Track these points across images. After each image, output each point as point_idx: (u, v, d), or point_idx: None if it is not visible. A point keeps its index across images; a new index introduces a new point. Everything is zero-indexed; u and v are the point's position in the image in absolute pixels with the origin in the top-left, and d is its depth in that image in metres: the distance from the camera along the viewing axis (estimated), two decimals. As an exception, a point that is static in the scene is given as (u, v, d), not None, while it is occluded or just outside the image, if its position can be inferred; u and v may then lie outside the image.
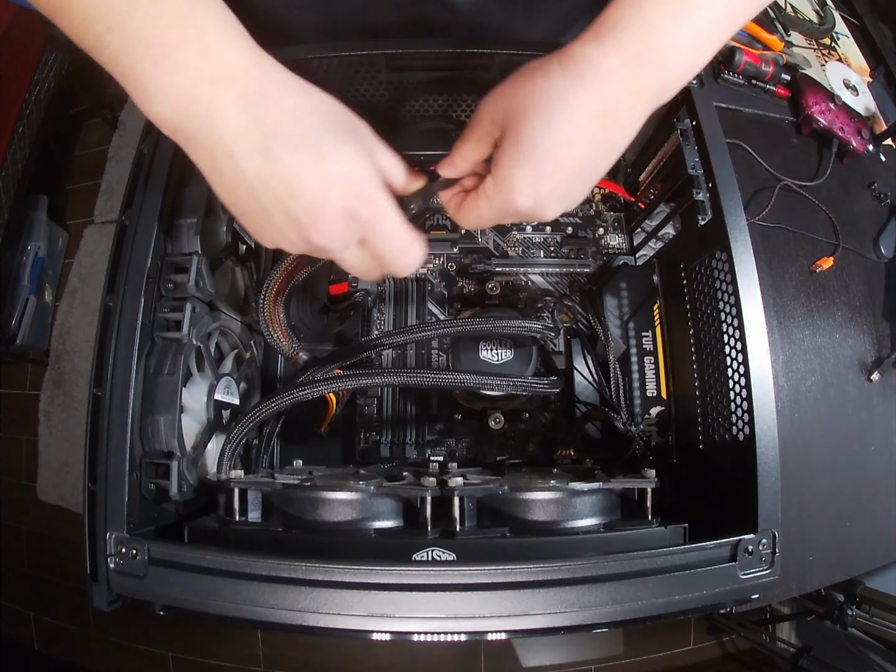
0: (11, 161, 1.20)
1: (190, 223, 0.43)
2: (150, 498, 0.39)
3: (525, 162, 0.31)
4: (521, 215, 0.34)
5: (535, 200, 0.32)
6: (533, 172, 0.32)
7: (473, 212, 0.36)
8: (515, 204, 0.33)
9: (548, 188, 0.32)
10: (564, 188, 0.33)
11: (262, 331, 0.49)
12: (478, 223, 0.36)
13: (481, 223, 0.36)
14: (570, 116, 0.31)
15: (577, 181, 0.33)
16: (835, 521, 0.59)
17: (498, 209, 0.34)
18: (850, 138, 0.70)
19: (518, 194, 0.32)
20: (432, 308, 0.58)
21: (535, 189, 0.32)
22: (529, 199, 0.32)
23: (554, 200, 0.33)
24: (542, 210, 0.33)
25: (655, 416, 0.50)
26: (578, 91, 0.31)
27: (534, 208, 0.33)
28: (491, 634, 0.32)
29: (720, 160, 0.43)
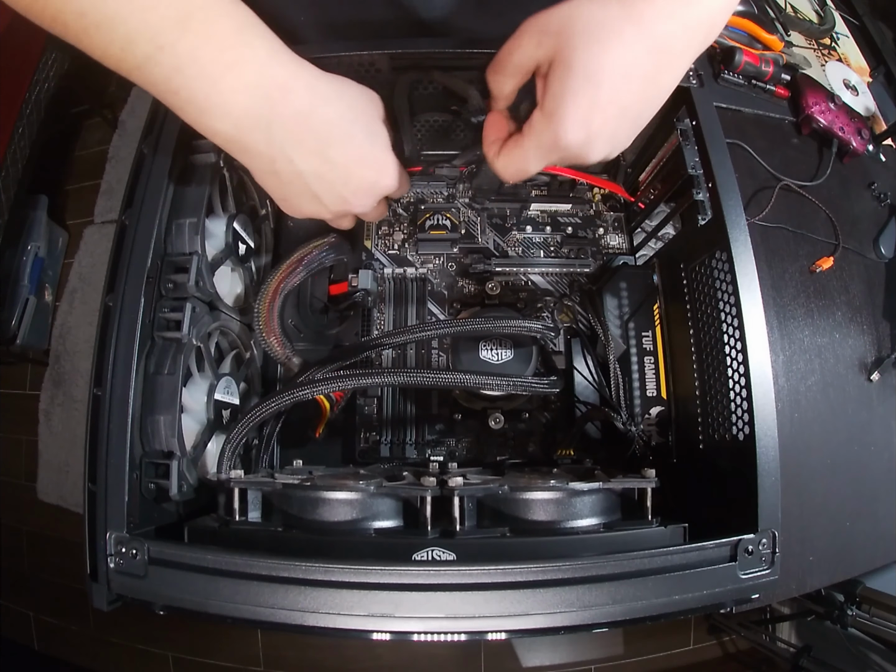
0: (11, 161, 1.20)
1: (190, 223, 0.43)
2: (150, 498, 0.39)
3: (579, 90, 0.31)
4: (568, 153, 0.33)
5: (586, 134, 0.32)
6: (586, 102, 0.31)
7: (517, 153, 0.35)
8: (566, 138, 0.32)
9: (599, 122, 0.32)
10: (613, 124, 0.32)
11: (257, 337, 0.49)
12: (521, 166, 0.36)
13: (525, 166, 0.35)
14: (626, 49, 0.31)
15: (625, 120, 0.33)
16: (835, 521, 0.59)
17: (545, 147, 0.33)
18: (850, 138, 0.70)
19: (570, 124, 0.31)
20: (432, 308, 0.58)
21: (586, 121, 0.31)
22: (580, 132, 0.31)
23: (602, 138, 0.33)
24: (589, 148, 0.33)
25: (655, 416, 0.50)
26: (636, 24, 0.31)
27: (582, 145, 0.32)
28: (491, 634, 0.32)
29: (720, 160, 0.43)
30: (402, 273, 0.58)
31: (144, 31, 0.28)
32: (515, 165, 0.36)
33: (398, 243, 0.60)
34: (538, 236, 0.61)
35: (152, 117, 0.44)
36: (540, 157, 0.34)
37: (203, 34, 0.29)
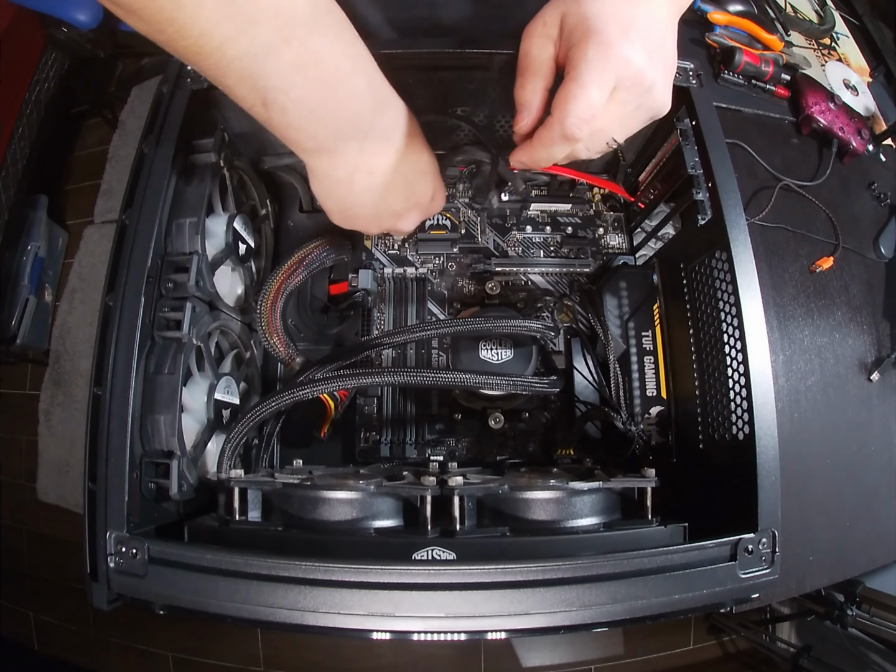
0: (11, 161, 1.21)
1: (190, 223, 0.43)
2: (150, 497, 0.39)
3: (606, 34, 0.32)
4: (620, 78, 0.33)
5: (638, 61, 0.32)
6: (621, 36, 0.32)
7: (545, 135, 0.35)
8: (583, 111, 0.32)
9: (641, 49, 0.32)
10: (626, 108, 0.34)
11: (260, 338, 0.49)
12: (549, 147, 0.36)
13: (552, 146, 0.35)
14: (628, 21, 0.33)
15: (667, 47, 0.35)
16: (835, 521, 0.59)
17: (580, 114, 0.33)
18: (850, 138, 0.70)
19: (587, 90, 0.32)
20: (432, 308, 0.58)
21: (629, 51, 0.32)
22: (600, 97, 0.32)
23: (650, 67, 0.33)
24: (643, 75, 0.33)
25: (655, 416, 0.50)
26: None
27: (638, 71, 0.33)
28: (491, 634, 0.32)
29: (720, 160, 0.43)
30: (402, 273, 0.58)
31: (273, 19, 0.26)
32: (546, 146, 0.36)
33: (398, 243, 0.60)
34: (538, 236, 0.61)
35: (152, 117, 0.44)
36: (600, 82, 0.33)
37: (332, 34, 0.30)
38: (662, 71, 0.35)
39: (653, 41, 0.34)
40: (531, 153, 0.37)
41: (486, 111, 0.52)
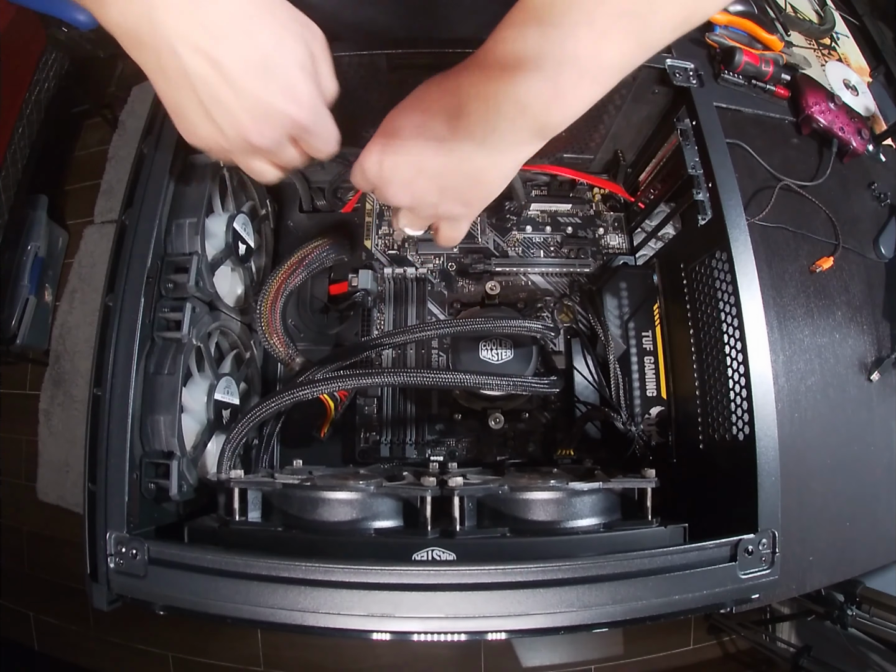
0: (11, 161, 1.21)
1: (190, 223, 0.43)
2: (150, 498, 0.39)
3: (382, 132, 0.34)
4: (373, 184, 0.36)
5: (379, 171, 0.34)
6: (382, 143, 0.34)
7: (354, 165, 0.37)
8: (365, 165, 0.35)
9: (389, 164, 0.34)
10: (406, 174, 0.34)
11: (260, 338, 0.49)
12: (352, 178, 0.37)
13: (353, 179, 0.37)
14: (424, 110, 0.33)
15: (423, 176, 0.34)
16: (835, 521, 0.59)
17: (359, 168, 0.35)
18: (850, 138, 0.70)
19: (367, 156, 0.35)
20: (432, 308, 0.58)
21: (380, 160, 0.34)
22: (375, 165, 0.34)
23: (395, 182, 0.35)
24: (386, 185, 0.35)
25: (655, 416, 0.50)
26: (441, 89, 0.33)
27: (378, 178, 0.35)
28: (491, 634, 0.32)
29: (720, 160, 0.43)
30: (402, 273, 0.58)
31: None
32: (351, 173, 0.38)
33: (398, 243, 0.60)
34: (538, 236, 0.61)
35: (152, 117, 0.44)
36: (358, 173, 0.36)
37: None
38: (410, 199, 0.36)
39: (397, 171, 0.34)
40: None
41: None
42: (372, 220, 0.61)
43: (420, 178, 0.34)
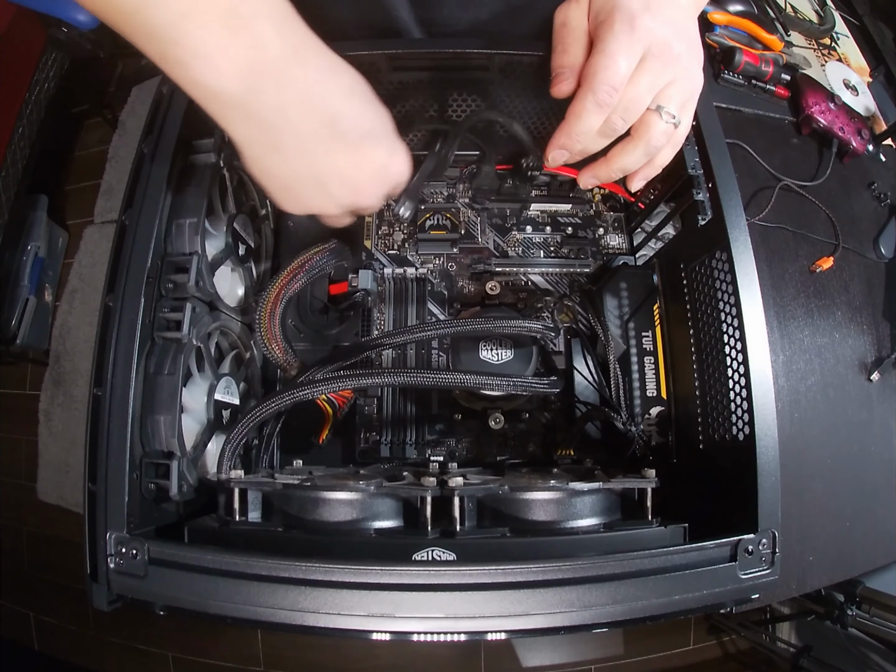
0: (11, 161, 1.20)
1: (190, 223, 0.43)
2: (150, 498, 0.39)
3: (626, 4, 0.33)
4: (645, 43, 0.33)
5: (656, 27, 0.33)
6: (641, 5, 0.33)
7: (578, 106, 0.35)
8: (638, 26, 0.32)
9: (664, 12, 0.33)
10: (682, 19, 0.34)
11: (259, 344, 0.49)
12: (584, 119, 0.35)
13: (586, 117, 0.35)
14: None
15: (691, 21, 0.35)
16: (835, 521, 0.59)
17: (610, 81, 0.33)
18: (850, 138, 0.70)
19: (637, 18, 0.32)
20: (432, 308, 0.58)
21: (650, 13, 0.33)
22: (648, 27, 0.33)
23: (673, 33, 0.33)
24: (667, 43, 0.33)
25: (655, 416, 0.50)
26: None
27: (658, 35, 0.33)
28: (491, 634, 0.32)
29: (720, 160, 0.43)
30: (402, 273, 0.58)
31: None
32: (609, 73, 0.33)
33: (398, 243, 0.60)
34: (538, 236, 0.61)
35: (152, 117, 0.44)
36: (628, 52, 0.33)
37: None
38: (688, 45, 0.35)
39: (675, 19, 0.34)
40: (568, 131, 0.36)
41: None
42: (372, 221, 0.61)
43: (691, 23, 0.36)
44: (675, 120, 0.36)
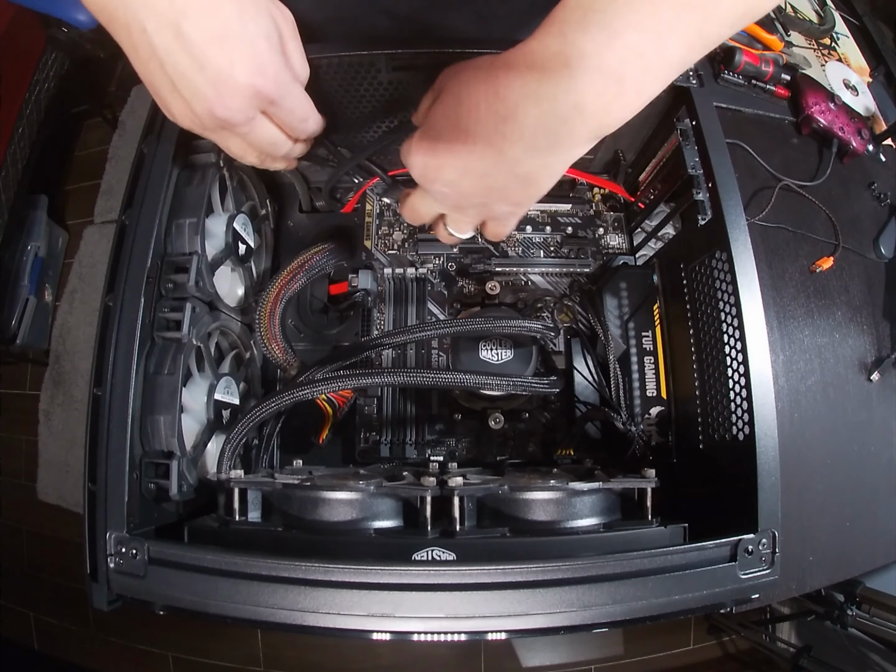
0: (11, 161, 1.20)
1: (190, 223, 0.43)
2: (150, 498, 0.39)
3: (426, 131, 0.33)
4: (416, 178, 0.35)
5: (424, 171, 0.33)
6: (428, 144, 0.33)
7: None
8: (410, 163, 0.34)
9: (434, 165, 0.33)
10: (452, 175, 0.33)
11: (259, 344, 0.49)
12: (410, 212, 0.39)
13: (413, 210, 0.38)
14: (470, 110, 0.31)
15: (468, 177, 0.33)
16: (835, 521, 0.59)
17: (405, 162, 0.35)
18: (850, 138, 0.70)
19: (413, 155, 0.33)
20: (432, 308, 0.58)
21: (425, 160, 0.33)
22: (420, 164, 0.33)
23: (440, 182, 0.34)
24: (431, 184, 0.34)
25: (655, 416, 0.50)
26: (487, 88, 0.31)
27: (423, 177, 0.34)
28: (491, 634, 0.32)
29: (720, 160, 0.43)
30: (402, 273, 0.58)
31: None
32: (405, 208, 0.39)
33: (398, 243, 0.60)
34: (538, 236, 0.61)
35: (152, 117, 0.44)
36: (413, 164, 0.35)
37: None
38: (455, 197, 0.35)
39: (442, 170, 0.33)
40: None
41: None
42: (372, 221, 0.61)
43: (467, 179, 0.33)
44: (454, 236, 0.39)
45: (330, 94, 0.48)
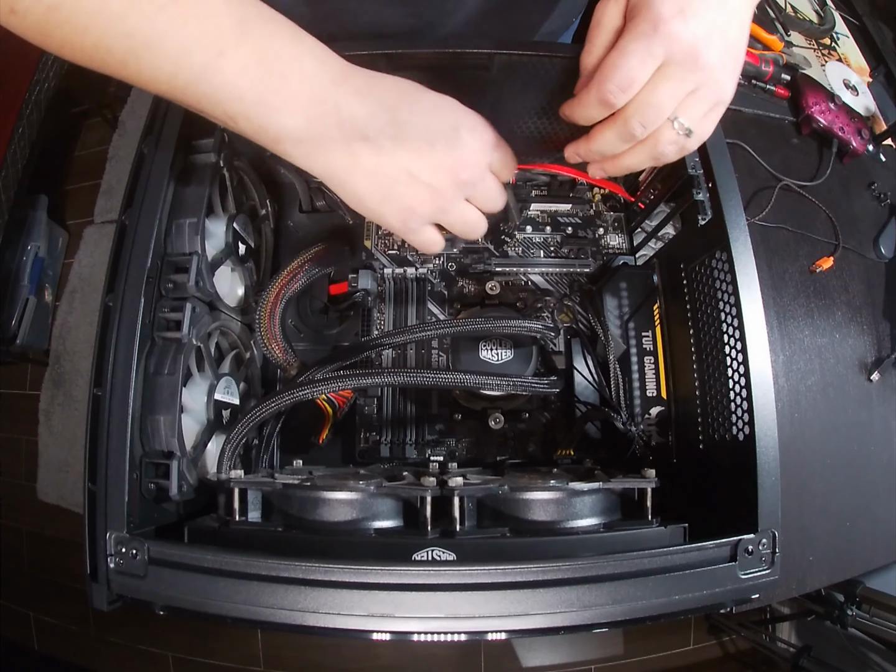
0: (11, 161, 1.20)
1: (190, 223, 0.43)
2: (150, 498, 0.39)
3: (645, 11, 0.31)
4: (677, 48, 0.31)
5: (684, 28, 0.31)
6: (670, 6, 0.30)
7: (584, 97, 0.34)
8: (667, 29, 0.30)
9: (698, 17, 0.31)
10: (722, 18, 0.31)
11: (259, 344, 0.49)
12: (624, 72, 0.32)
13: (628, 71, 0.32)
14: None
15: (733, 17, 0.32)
16: (835, 521, 0.59)
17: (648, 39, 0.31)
18: (850, 138, 0.70)
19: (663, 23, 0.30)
20: (432, 308, 0.58)
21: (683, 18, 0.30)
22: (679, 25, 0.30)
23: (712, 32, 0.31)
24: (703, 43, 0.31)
25: (655, 416, 0.50)
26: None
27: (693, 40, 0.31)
28: (491, 634, 0.32)
29: (720, 160, 0.43)
30: (402, 273, 0.58)
31: (201, 40, 0.28)
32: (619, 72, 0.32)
33: (398, 243, 0.60)
34: (538, 236, 0.61)
35: (152, 117, 0.44)
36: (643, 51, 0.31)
37: (264, 34, 0.30)
38: (720, 53, 0.32)
39: (712, 23, 0.31)
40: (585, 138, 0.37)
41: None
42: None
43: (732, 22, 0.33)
44: (686, 132, 0.35)
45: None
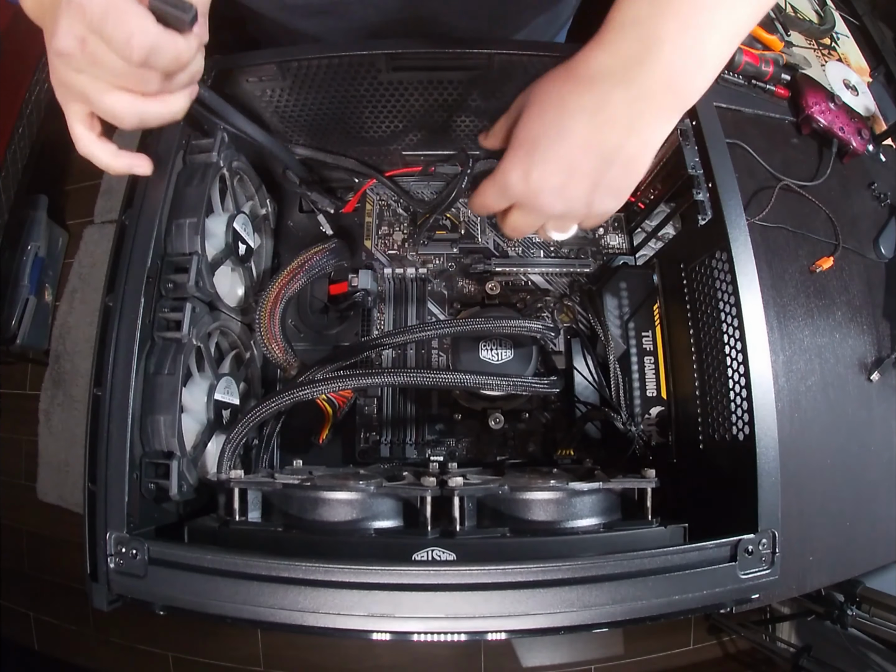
0: (11, 161, 1.21)
1: (190, 223, 0.43)
2: (150, 498, 0.39)
3: (518, 146, 0.34)
4: (518, 199, 0.35)
5: (527, 184, 0.34)
6: (524, 156, 0.34)
7: (479, 191, 0.37)
8: (509, 182, 0.34)
9: (537, 174, 0.33)
10: (557, 180, 0.33)
11: (259, 344, 0.49)
12: (481, 203, 0.37)
13: (484, 203, 0.37)
14: (561, 111, 0.32)
15: (573, 177, 0.33)
16: (835, 521, 0.59)
17: (498, 188, 0.35)
18: (850, 138, 0.70)
19: (510, 172, 0.34)
20: (432, 308, 0.58)
21: (526, 172, 0.34)
22: (521, 180, 0.34)
23: (546, 191, 0.34)
24: (536, 197, 0.34)
25: (655, 416, 0.50)
26: (572, 88, 0.32)
27: (526, 192, 0.34)
28: (491, 634, 0.32)
29: (720, 160, 0.43)
30: (402, 273, 0.58)
31: None
32: (477, 202, 0.38)
33: (398, 243, 0.60)
34: (538, 236, 0.61)
35: (152, 117, 0.44)
36: (494, 196, 0.36)
37: None
38: (560, 201, 0.34)
39: (551, 184, 0.33)
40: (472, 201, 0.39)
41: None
42: (372, 221, 0.61)
43: (573, 179, 0.33)
44: (554, 239, 0.40)
45: (330, 95, 0.48)
